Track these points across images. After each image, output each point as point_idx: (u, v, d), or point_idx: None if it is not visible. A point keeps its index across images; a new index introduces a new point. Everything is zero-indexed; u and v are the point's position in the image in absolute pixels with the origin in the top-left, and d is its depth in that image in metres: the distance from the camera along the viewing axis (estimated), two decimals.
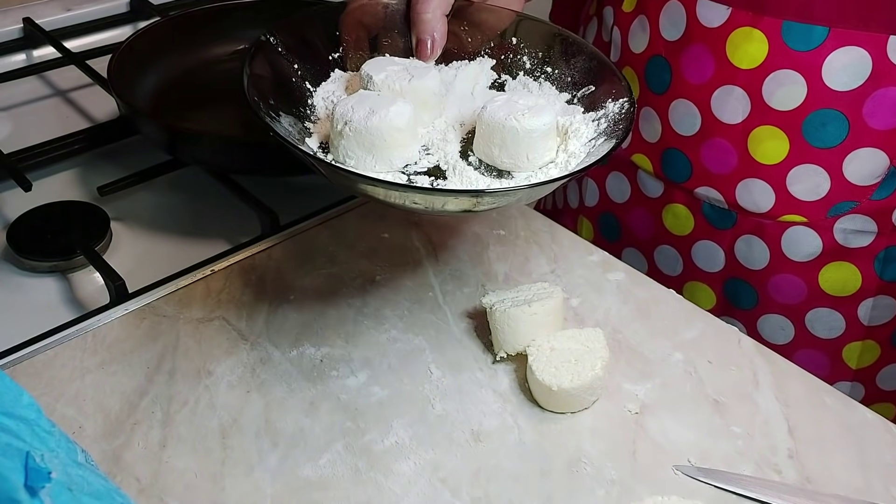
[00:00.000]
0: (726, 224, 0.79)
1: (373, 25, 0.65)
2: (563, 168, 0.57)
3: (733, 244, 0.80)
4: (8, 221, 0.76)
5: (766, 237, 0.77)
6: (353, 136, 0.55)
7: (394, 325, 0.65)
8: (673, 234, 0.83)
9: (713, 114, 0.75)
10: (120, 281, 0.67)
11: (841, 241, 0.75)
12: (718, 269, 0.82)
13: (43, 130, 0.88)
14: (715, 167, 0.77)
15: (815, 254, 0.76)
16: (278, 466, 0.55)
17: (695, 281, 0.84)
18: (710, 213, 0.80)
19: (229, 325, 0.65)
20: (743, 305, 0.82)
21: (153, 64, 0.89)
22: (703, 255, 0.82)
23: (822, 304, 0.78)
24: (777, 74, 0.71)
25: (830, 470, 0.55)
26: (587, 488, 0.54)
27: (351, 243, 0.73)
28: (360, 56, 0.64)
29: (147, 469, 0.54)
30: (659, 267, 0.86)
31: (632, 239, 0.88)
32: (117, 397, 0.59)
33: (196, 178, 0.81)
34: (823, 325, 0.79)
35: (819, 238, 0.75)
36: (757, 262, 0.79)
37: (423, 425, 0.58)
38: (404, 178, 0.57)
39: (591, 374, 0.57)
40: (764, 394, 0.60)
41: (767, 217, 0.76)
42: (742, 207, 0.77)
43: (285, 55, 0.62)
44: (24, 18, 1.03)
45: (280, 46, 0.62)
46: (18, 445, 0.39)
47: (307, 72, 0.63)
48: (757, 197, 0.76)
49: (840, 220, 0.75)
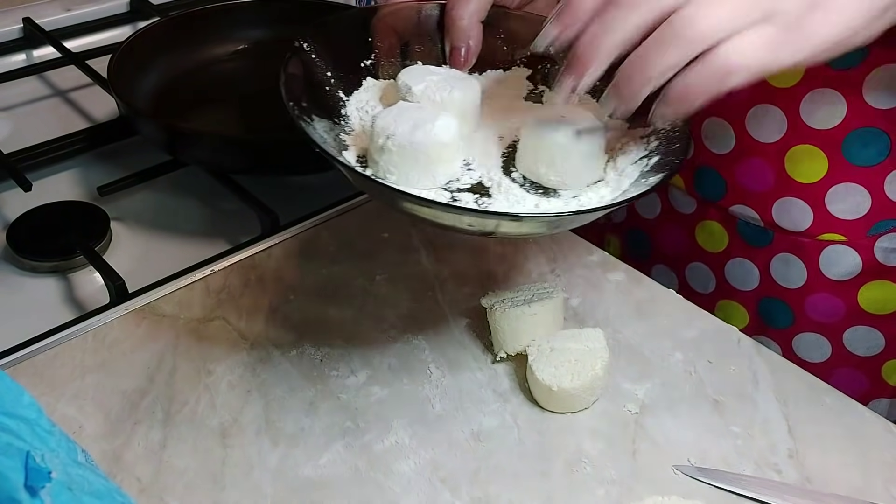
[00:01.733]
0: (762, 242, 0.77)
1: (405, 31, 0.63)
2: (616, 187, 0.54)
3: (769, 262, 0.78)
4: (8, 221, 0.76)
5: (803, 256, 0.76)
6: (395, 151, 0.52)
7: (394, 325, 0.65)
8: (706, 251, 0.82)
9: (749, 133, 0.73)
10: (120, 281, 0.67)
11: (881, 260, 0.74)
12: (753, 287, 0.80)
13: (43, 130, 0.88)
14: (751, 185, 0.75)
15: (854, 273, 0.75)
16: (278, 466, 0.55)
17: (728, 300, 0.82)
18: (746, 231, 0.78)
19: (229, 325, 0.65)
20: (778, 324, 0.80)
21: (153, 64, 0.89)
22: (737, 273, 0.80)
23: (860, 322, 0.77)
24: (815, 93, 0.69)
25: (830, 470, 0.55)
26: (587, 488, 0.54)
27: (351, 243, 0.73)
28: (392, 63, 0.63)
29: (147, 469, 0.54)
30: (690, 284, 0.84)
31: (662, 256, 0.86)
32: (117, 397, 0.59)
33: (196, 178, 0.81)
34: (862, 343, 0.77)
35: (859, 257, 0.74)
36: (793, 280, 0.77)
37: (422, 425, 0.58)
38: (448, 195, 0.54)
39: (591, 374, 0.57)
40: (764, 393, 0.60)
41: (805, 236, 0.75)
42: (779, 226, 0.75)
43: (318, 62, 0.60)
44: (24, 18, 1.03)
45: (313, 52, 0.60)
46: (19, 445, 0.39)
47: (339, 80, 0.60)
48: (795, 216, 0.74)
49: (881, 239, 0.73)
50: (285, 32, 0.95)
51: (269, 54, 0.94)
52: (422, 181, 0.53)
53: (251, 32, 0.96)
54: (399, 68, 0.61)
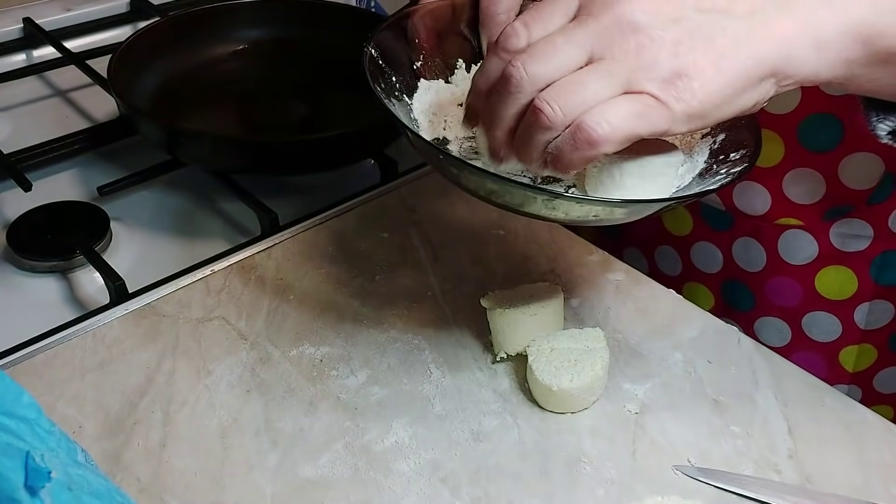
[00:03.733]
0: (724, 226, 0.79)
1: (443, 29, 0.63)
2: (692, 165, 0.54)
3: (731, 246, 0.80)
4: (8, 221, 0.76)
5: (762, 240, 0.77)
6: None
7: (394, 325, 0.65)
8: (673, 234, 0.83)
9: None
10: (120, 281, 0.67)
11: (837, 245, 0.75)
12: (717, 270, 0.82)
13: (43, 130, 0.88)
14: None
15: (811, 257, 0.76)
16: (278, 466, 0.55)
17: (694, 282, 0.84)
18: (708, 215, 0.80)
19: (229, 325, 0.65)
20: (741, 307, 0.82)
21: (153, 64, 0.89)
22: (701, 256, 0.82)
23: (818, 307, 0.78)
24: None
25: (830, 470, 0.55)
26: (587, 488, 0.54)
27: (351, 243, 0.73)
28: (435, 63, 0.62)
29: (147, 468, 0.54)
30: (660, 267, 0.86)
31: (633, 238, 0.88)
32: (117, 397, 0.59)
33: (196, 178, 0.81)
34: (820, 328, 0.79)
35: (815, 242, 0.75)
36: (754, 264, 0.79)
37: (422, 425, 0.58)
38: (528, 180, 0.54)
39: (591, 374, 0.57)
40: (763, 393, 0.60)
41: (764, 220, 0.76)
42: (739, 210, 0.77)
43: (385, 67, 0.59)
44: (24, 18, 1.03)
45: (379, 58, 0.59)
46: (18, 445, 0.39)
47: (401, 83, 0.60)
48: (753, 200, 0.76)
49: (836, 224, 0.74)
50: (285, 32, 0.96)
51: (269, 54, 0.95)
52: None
53: (251, 32, 0.96)
54: (441, 66, 0.61)
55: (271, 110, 0.89)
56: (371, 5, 1.26)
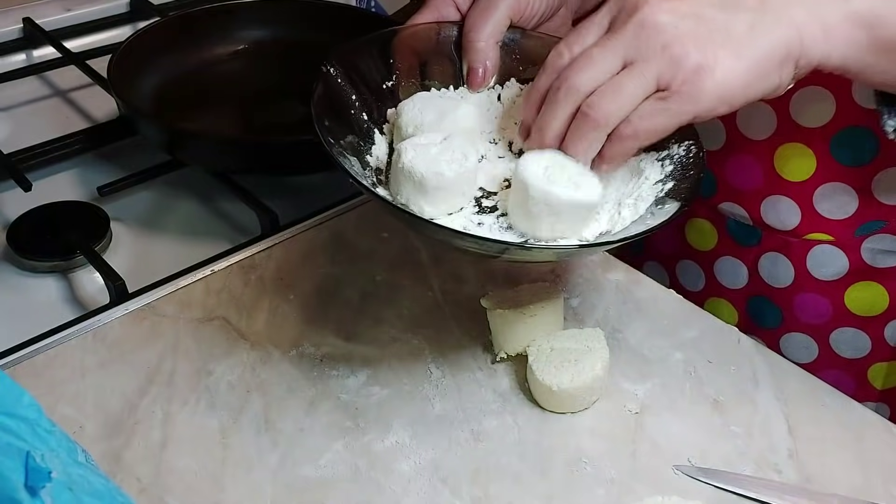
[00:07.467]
0: (751, 241, 0.78)
1: (424, 52, 0.64)
2: (633, 212, 0.56)
3: (757, 261, 0.78)
4: (8, 221, 0.76)
5: (791, 255, 0.76)
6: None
7: (393, 325, 0.65)
8: (696, 248, 0.82)
9: (739, 129, 0.73)
10: (120, 281, 0.67)
11: (868, 261, 0.74)
12: (741, 285, 0.80)
13: (43, 130, 0.88)
14: (740, 183, 0.75)
15: (841, 273, 0.75)
16: (278, 466, 0.55)
17: (717, 297, 0.82)
18: (735, 230, 0.78)
19: (229, 325, 0.65)
20: (766, 324, 0.80)
21: (153, 64, 0.89)
22: (726, 272, 0.81)
23: (847, 323, 0.76)
24: (805, 91, 0.69)
25: (830, 469, 0.55)
26: (587, 488, 0.54)
27: (351, 243, 0.73)
28: (412, 84, 0.63)
29: (147, 469, 0.54)
30: (681, 282, 0.85)
31: (654, 252, 0.86)
32: (118, 397, 0.59)
33: (196, 178, 0.81)
34: (849, 345, 0.77)
35: (846, 257, 0.74)
36: (781, 280, 0.77)
37: (422, 425, 0.58)
38: (475, 216, 0.57)
39: (591, 374, 0.57)
40: (763, 393, 0.60)
41: (793, 235, 0.75)
42: (767, 224, 0.75)
43: (344, 86, 0.61)
44: (24, 18, 1.03)
45: (339, 77, 0.60)
46: (19, 445, 0.39)
47: (364, 103, 0.61)
48: (783, 214, 0.74)
49: (868, 240, 0.73)
50: (285, 32, 0.96)
51: (269, 54, 0.95)
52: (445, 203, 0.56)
53: (251, 32, 0.96)
54: (419, 89, 0.62)
55: (271, 110, 0.89)
56: (371, 5, 1.26)
